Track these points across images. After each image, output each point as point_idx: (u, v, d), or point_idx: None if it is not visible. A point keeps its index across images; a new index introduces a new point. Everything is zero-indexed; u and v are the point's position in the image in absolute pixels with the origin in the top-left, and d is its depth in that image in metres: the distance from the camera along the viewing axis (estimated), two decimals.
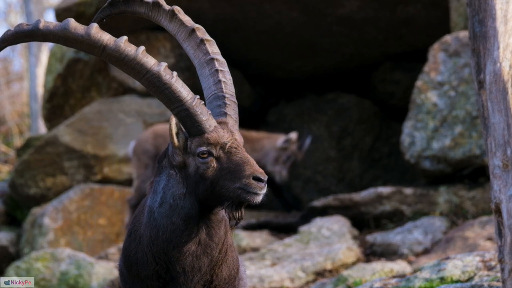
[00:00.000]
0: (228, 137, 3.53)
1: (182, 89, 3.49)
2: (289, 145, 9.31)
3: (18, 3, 21.81)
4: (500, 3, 4.08)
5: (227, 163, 3.49)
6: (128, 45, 3.48)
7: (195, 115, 3.50)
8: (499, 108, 3.98)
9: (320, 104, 11.36)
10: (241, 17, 10.05)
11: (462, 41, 8.56)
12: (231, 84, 3.73)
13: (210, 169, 3.50)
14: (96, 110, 9.99)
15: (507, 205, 3.88)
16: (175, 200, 3.55)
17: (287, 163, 9.27)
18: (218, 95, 3.68)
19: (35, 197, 9.79)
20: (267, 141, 9.35)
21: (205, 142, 3.51)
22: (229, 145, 3.51)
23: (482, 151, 8.25)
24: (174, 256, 3.56)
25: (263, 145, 9.33)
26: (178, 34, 3.84)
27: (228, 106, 3.66)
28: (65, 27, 3.45)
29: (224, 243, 3.66)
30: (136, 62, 3.47)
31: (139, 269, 3.65)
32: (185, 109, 3.49)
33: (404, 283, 5.40)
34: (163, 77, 3.48)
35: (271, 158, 9.24)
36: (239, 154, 3.50)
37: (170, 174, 3.59)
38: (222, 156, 3.50)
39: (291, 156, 9.30)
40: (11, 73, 20.80)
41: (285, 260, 7.73)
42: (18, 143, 16.85)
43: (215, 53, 3.76)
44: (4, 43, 3.53)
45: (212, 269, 3.63)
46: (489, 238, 7.34)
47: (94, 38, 3.44)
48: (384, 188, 8.90)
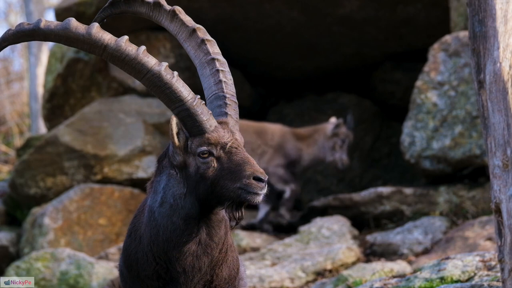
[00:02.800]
0: (229, 137, 3.53)
1: (183, 89, 3.49)
2: (339, 130, 9.21)
3: (18, 3, 21.82)
4: (500, 3, 4.08)
5: (228, 163, 3.49)
6: (129, 44, 3.48)
7: (195, 115, 3.50)
8: (499, 108, 3.98)
9: (320, 104, 11.36)
10: (241, 17, 10.05)
11: (462, 41, 8.56)
12: (232, 84, 3.73)
13: (211, 169, 3.50)
14: (96, 110, 9.99)
15: (507, 205, 3.88)
16: (176, 200, 3.55)
17: (344, 147, 9.15)
18: (219, 95, 3.68)
19: (35, 197, 9.78)
20: (317, 134, 9.27)
21: (206, 142, 3.51)
22: (230, 145, 3.51)
23: (482, 151, 8.26)
24: (174, 256, 3.56)
25: (315, 139, 9.24)
26: (179, 34, 3.84)
27: (229, 106, 3.66)
28: (66, 26, 3.46)
29: (224, 243, 3.66)
30: (137, 61, 3.48)
31: (139, 269, 3.65)
32: (186, 109, 3.49)
33: (404, 283, 5.40)
34: (164, 77, 3.48)
35: (327, 148, 9.14)
36: (239, 154, 3.50)
37: (171, 174, 3.59)
38: (223, 156, 3.51)
39: (345, 139, 9.19)
40: (11, 73, 20.80)
41: (285, 260, 7.74)
42: (18, 143, 16.85)
43: (216, 53, 3.76)
44: (5, 42, 3.53)
45: (213, 269, 3.63)
46: (489, 238, 7.34)
47: (95, 38, 3.45)
48: (384, 188, 8.91)
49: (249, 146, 8.98)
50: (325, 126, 9.32)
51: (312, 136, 9.28)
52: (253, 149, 9.00)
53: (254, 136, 9.09)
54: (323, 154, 9.15)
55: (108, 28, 3.57)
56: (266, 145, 9.07)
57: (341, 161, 9.11)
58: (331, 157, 9.13)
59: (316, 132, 9.30)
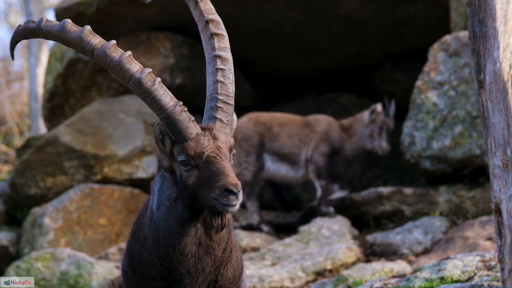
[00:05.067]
0: (208, 146, 3.49)
1: (163, 96, 3.48)
2: (376, 116, 9.08)
3: (18, 3, 21.81)
4: (500, 3, 4.08)
5: (205, 172, 3.46)
6: (114, 50, 3.49)
7: (175, 123, 3.49)
8: (499, 108, 3.98)
9: (321, 104, 11.35)
10: (241, 17, 10.05)
11: (462, 41, 8.56)
12: (231, 83, 3.67)
13: (192, 177, 3.49)
14: (96, 110, 9.99)
15: (507, 205, 3.88)
16: (171, 202, 3.56)
17: (383, 134, 8.99)
18: (213, 97, 3.63)
19: (35, 197, 9.78)
20: (355, 124, 9.19)
21: (185, 150, 3.49)
22: (207, 154, 3.48)
23: (482, 151, 8.25)
24: (176, 258, 3.56)
25: (355, 130, 9.16)
26: (198, 23, 3.81)
27: (219, 109, 3.60)
28: (61, 28, 3.53)
29: (228, 243, 3.65)
30: (119, 68, 3.49)
31: (144, 270, 3.64)
32: (167, 116, 3.48)
33: (404, 283, 5.40)
34: (143, 85, 3.47)
35: (366, 137, 9.05)
36: (216, 164, 3.46)
37: (164, 176, 3.61)
38: (201, 165, 3.48)
39: (383, 126, 9.06)
40: (11, 73, 20.79)
41: (285, 260, 7.74)
42: (18, 143, 16.84)
43: (222, 48, 3.72)
44: (17, 37, 3.68)
45: (217, 269, 3.62)
46: (489, 238, 7.34)
47: (84, 41, 3.50)
48: (384, 188, 8.90)
49: (297, 137, 9.00)
50: (363, 115, 9.18)
51: (352, 126, 9.19)
52: (301, 139, 9.01)
53: (302, 127, 9.09)
54: (363, 142, 9.04)
55: (108, 28, 3.60)
56: (313, 132, 9.06)
57: (381, 148, 8.97)
58: (371, 145, 9.01)
59: (355, 122, 9.20)
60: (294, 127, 9.11)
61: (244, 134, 8.97)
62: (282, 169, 9.05)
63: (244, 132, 8.97)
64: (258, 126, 9.05)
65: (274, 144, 9.02)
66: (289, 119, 9.27)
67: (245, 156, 8.90)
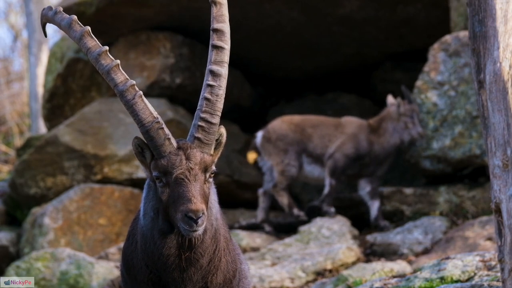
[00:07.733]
0: (179, 166, 3.45)
1: (141, 112, 3.47)
2: (403, 108, 9.04)
3: (18, 3, 21.80)
4: (500, 3, 4.08)
5: (174, 192, 3.45)
6: (104, 57, 3.53)
7: (151, 139, 3.48)
8: (499, 108, 3.98)
9: (321, 104, 11.35)
10: (241, 17, 10.05)
11: (462, 41, 8.56)
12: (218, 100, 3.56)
13: (164, 193, 3.47)
14: (96, 110, 9.99)
15: (507, 205, 3.88)
16: (155, 213, 3.55)
17: (415, 121, 8.93)
18: (197, 114, 3.56)
19: (35, 197, 9.78)
20: (384, 122, 9.11)
21: (157, 167, 3.49)
22: (176, 175, 3.44)
23: (482, 151, 8.26)
24: (161, 268, 3.55)
25: (385, 128, 9.08)
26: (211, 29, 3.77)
27: (199, 128, 3.52)
28: (66, 25, 3.65)
29: (215, 252, 3.62)
30: (106, 75, 3.53)
31: (136, 274, 3.67)
32: (144, 131, 3.49)
33: (404, 283, 5.40)
34: (124, 97, 3.49)
35: (400, 129, 8.95)
36: (183, 186, 3.42)
37: (150, 185, 3.60)
38: (171, 184, 3.46)
39: (413, 114, 8.96)
40: (11, 73, 20.79)
41: (285, 260, 7.74)
42: (18, 143, 16.85)
43: (217, 62, 3.62)
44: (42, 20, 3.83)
45: (205, 277, 3.61)
46: (489, 238, 7.34)
47: (82, 43, 3.58)
48: (384, 188, 8.91)
49: (327, 138, 9.00)
50: (389, 111, 9.09)
51: (381, 125, 9.12)
52: (330, 140, 9.01)
53: (333, 128, 9.09)
54: (400, 137, 8.97)
55: (108, 28, 3.62)
56: (342, 133, 9.06)
57: (418, 134, 8.90)
58: (409, 136, 8.93)
59: (383, 120, 9.12)
60: (326, 128, 9.11)
61: (279, 134, 9.01)
62: (315, 171, 9.04)
63: (278, 132, 9.02)
64: (292, 127, 9.08)
65: (308, 145, 9.04)
66: (321, 121, 9.27)
67: (284, 154, 8.94)
